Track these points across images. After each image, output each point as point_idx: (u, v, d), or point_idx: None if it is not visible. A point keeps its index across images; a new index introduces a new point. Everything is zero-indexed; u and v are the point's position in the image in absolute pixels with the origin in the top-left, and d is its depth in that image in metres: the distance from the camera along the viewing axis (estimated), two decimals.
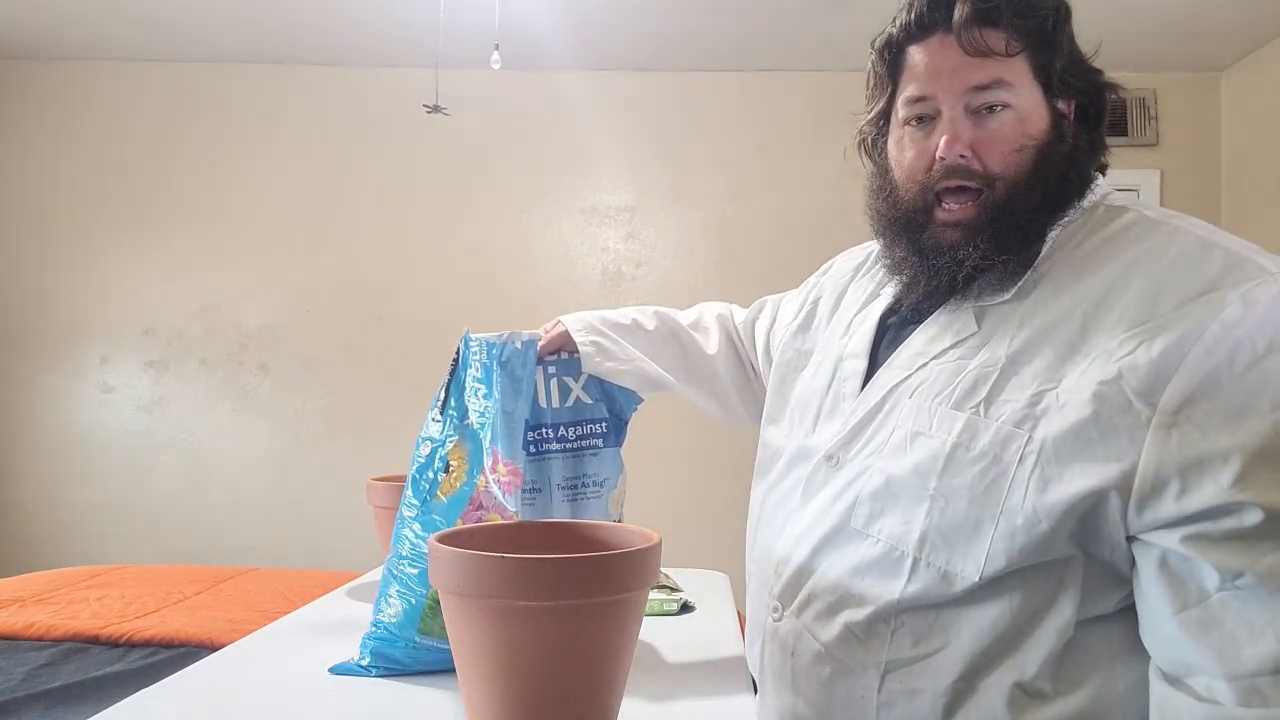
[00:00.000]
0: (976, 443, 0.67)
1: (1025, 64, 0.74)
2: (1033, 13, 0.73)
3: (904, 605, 0.68)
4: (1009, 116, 0.74)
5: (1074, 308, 0.67)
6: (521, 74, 3.38)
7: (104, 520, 3.38)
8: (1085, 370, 0.63)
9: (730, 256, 3.43)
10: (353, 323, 3.43)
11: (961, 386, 0.70)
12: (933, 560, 0.67)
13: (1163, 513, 0.59)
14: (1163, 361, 0.60)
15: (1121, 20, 2.99)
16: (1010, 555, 0.64)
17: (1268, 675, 0.54)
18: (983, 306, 0.74)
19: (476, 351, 0.96)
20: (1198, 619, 0.58)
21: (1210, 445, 0.58)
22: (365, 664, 0.92)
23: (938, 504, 0.67)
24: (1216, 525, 0.57)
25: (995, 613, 0.65)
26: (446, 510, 0.91)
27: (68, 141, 3.46)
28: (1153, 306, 0.63)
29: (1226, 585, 0.57)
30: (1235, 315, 0.59)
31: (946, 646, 0.67)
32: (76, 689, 1.33)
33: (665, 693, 0.91)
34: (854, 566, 0.72)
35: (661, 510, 2.10)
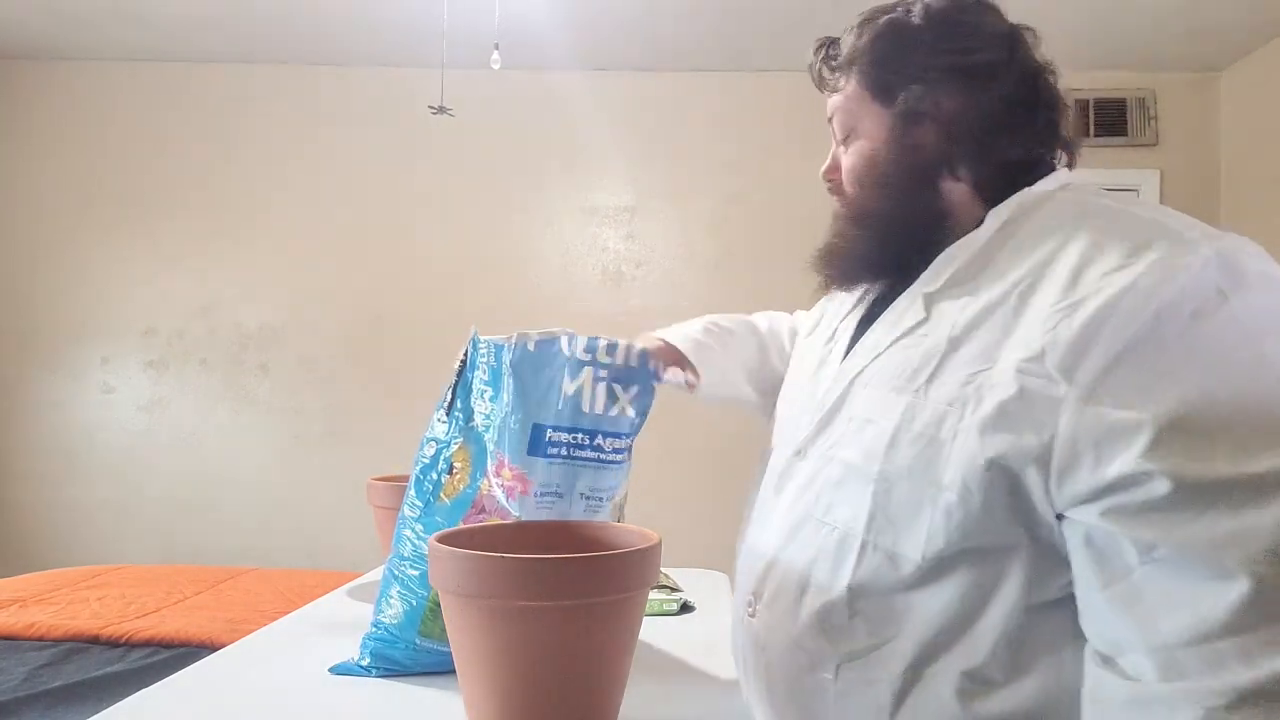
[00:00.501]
0: (915, 423, 0.68)
1: (856, 85, 0.82)
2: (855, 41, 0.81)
3: (855, 592, 0.69)
4: (854, 143, 0.83)
5: (1011, 290, 0.68)
6: (521, 74, 3.38)
7: (104, 520, 3.38)
8: (1015, 349, 0.64)
9: (730, 256, 3.43)
10: (353, 323, 3.43)
11: (906, 372, 0.71)
12: (879, 543, 0.68)
13: (1081, 486, 0.59)
14: (1082, 334, 0.60)
15: (1121, 20, 2.99)
16: (949, 533, 0.64)
17: (1183, 647, 0.54)
18: (931, 294, 0.75)
19: (484, 354, 0.95)
20: (1121, 595, 0.58)
21: (1124, 415, 0.57)
22: (365, 664, 0.92)
23: (882, 486, 0.69)
24: (1131, 497, 0.56)
25: (943, 599, 0.65)
26: (449, 512, 0.91)
27: (68, 141, 3.46)
28: (1077, 281, 0.63)
29: (1145, 559, 0.56)
30: (1153, 285, 0.59)
31: (898, 635, 0.67)
32: (76, 689, 1.33)
33: (665, 693, 0.91)
34: (813, 556, 0.74)
35: (661, 510, 2.10)
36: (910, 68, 0.78)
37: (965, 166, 0.78)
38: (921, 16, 0.79)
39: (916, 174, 0.79)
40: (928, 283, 0.76)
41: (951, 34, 0.77)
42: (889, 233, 0.80)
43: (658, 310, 3.38)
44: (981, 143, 0.77)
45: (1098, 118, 3.37)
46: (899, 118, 0.79)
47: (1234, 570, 0.53)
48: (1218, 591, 0.53)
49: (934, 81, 0.78)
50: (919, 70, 0.78)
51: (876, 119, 0.81)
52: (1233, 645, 0.52)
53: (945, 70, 0.77)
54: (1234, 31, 3.05)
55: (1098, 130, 3.36)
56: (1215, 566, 0.54)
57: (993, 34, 0.78)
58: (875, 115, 0.81)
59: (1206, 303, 0.58)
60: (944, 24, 0.78)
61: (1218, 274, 0.59)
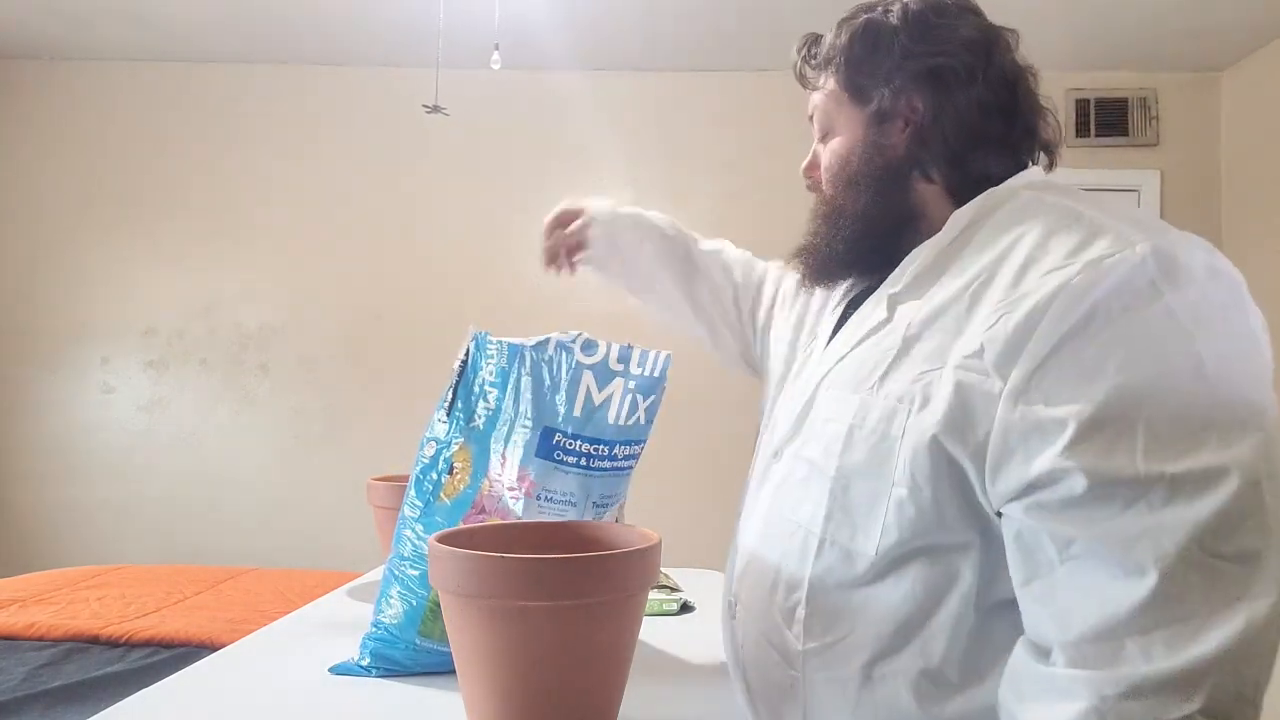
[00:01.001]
0: (868, 421, 0.69)
1: (834, 85, 0.83)
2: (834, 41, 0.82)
3: (814, 588, 0.70)
4: (831, 141, 0.85)
5: (965, 289, 0.68)
6: (521, 74, 3.38)
7: (104, 520, 3.38)
8: (960, 347, 0.65)
9: None
10: (353, 323, 3.43)
11: (862, 371, 0.73)
12: (836, 538, 0.69)
13: (1011, 482, 0.59)
14: (1017, 332, 0.60)
15: (1122, 20, 2.99)
16: (902, 528, 0.65)
17: (1093, 642, 0.55)
18: (895, 295, 0.76)
19: (493, 354, 0.95)
20: (1042, 590, 0.59)
21: (1050, 412, 0.58)
22: (365, 664, 0.92)
23: (839, 484, 0.70)
24: (1052, 493, 0.57)
25: (898, 595, 0.66)
26: (449, 512, 0.91)
27: (68, 141, 3.46)
28: (1020, 280, 0.64)
29: (1063, 555, 0.57)
30: (1086, 282, 0.59)
31: (853, 631, 0.68)
32: (76, 689, 1.33)
33: (665, 693, 0.90)
34: (781, 554, 0.75)
35: (661, 510, 2.10)
36: (884, 69, 0.79)
37: (936, 169, 0.79)
38: (899, 17, 0.79)
39: (887, 174, 0.80)
40: (893, 284, 0.77)
41: (926, 36, 0.78)
42: (859, 231, 0.81)
43: None
44: (952, 146, 0.77)
45: (1098, 117, 3.36)
46: (872, 118, 0.80)
47: (1143, 568, 0.54)
48: (1126, 588, 0.54)
49: (907, 83, 0.78)
50: (892, 71, 0.78)
51: (851, 118, 0.82)
52: (1136, 641, 0.54)
53: (918, 73, 0.78)
54: (1235, 31, 3.05)
55: (1098, 130, 3.36)
56: (1126, 563, 0.55)
57: (969, 38, 0.78)
58: (850, 115, 0.82)
59: (1138, 297, 0.58)
60: (920, 26, 0.78)
61: (1154, 269, 0.59)
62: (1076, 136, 3.36)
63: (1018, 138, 0.79)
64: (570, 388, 0.92)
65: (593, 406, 0.93)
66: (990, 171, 0.77)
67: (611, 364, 0.94)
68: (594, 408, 0.93)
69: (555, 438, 0.91)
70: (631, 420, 0.94)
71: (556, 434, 0.92)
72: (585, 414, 0.92)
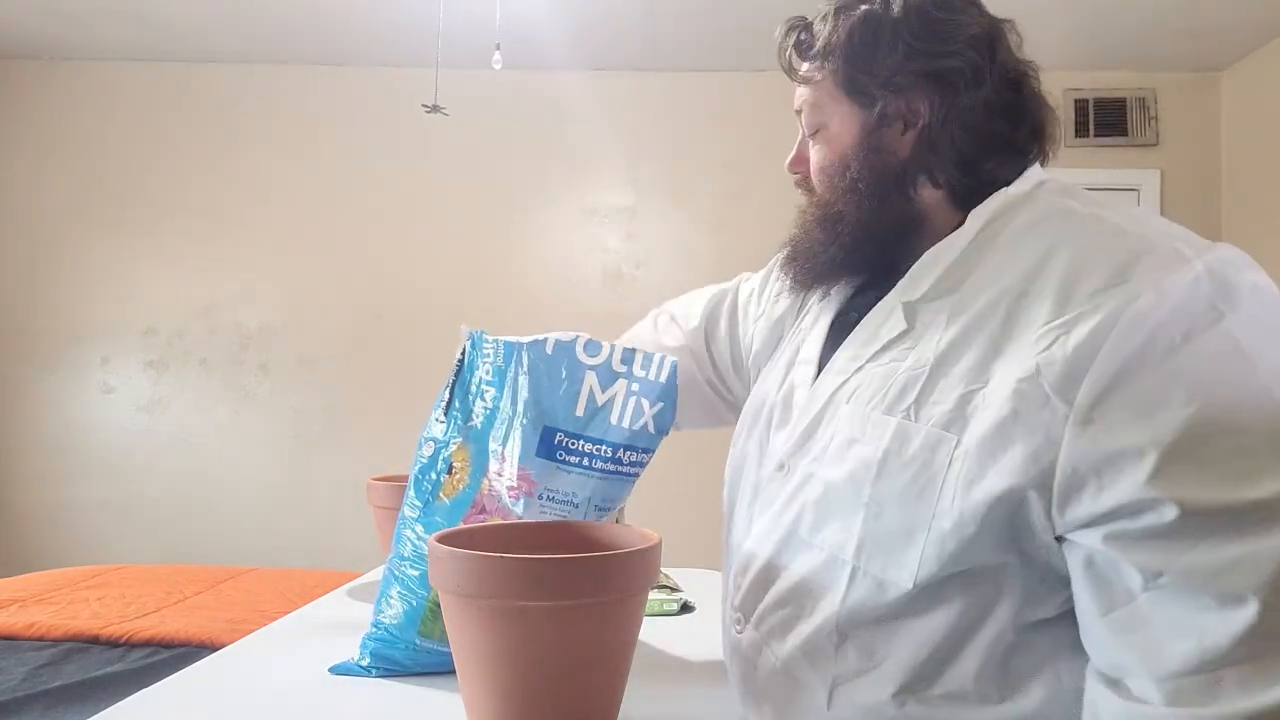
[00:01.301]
0: (907, 448, 0.66)
1: (830, 81, 0.78)
2: (830, 33, 0.77)
3: (845, 617, 0.68)
4: (822, 138, 0.80)
5: (998, 301, 0.66)
6: (521, 74, 3.38)
7: (104, 520, 3.38)
8: (1009, 368, 0.62)
9: (730, 256, 3.42)
10: (353, 323, 3.43)
11: (893, 390, 0.69)
12: (869, 569, 0.66)
13: (1083, 511, 0.58)
14: (1077, 356, 0.58)
15: (1121, 20, 2.99)
16: (942, 560, 0.63)
17: (1190, 675, 0.53)
18: (912, 304, 0.72)
19: (489, 353, 0.95)
20: (1124, 620, 0.57)
21: (1125, 440, 0.56)
22: (365, 664, 0.92)
23: (872, 511, 0.67)
24: (1134, 523, 0.56)
25: (934, 622, 0.64)
26: (449, 512, 0.91)
27: (68, 141, 3.46)
28: (1067, 298, 0.61)
29: (1149, 585, 0.55)
30: (1147, 305, 0.57)
31: (889, 658, 0.66)
32: (76, 689, 1.33)
33: (665, 693, 0.90)
34: (802, 578, 0.72)
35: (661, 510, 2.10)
36: (886, 68, 0.74)
37: (944, 174, 0.75)
38: (900, 10, 0.74)
39: (889, 179, 0.76)
40: (907, 291, 0.73)
41: (930, 33, 0.73)
42: (859, 238, 0.78)
43: None
44: (962, 151, 0.74)
45: (1098, 117, 3.36)
46: (872, 120, 0.76)
47: (1239, 598, 0.52)
48: (1221, 619, 0.53)
49: (910, 85, 0.74)
50: (894, 72, 0.74)
51: (849, 118, 0.78)
52: (1234, 673, 0.52)
53: (923, 74, 0.73)
54: (1234, 31, 3.05)
55: (1098, 130, 3.36)
56: (1220, 594, 0.53)
57: (974, 34, 0.73)
58: (846, 114, 0.78)
59: (1199, 321, 0.57)
60: (922, 21, 0.73)
61: (1210, 290, 0.58)
62: (1076, 136, 3.36)
63: (1025, 138, 0.76)
64: (571, 388, 0.92)
65: (595, 407, 0.92)
66: (998, 175, 0.74)
67: (615, 366, 0.93)
68: (596, 408, 0.92)
69: (557, 437, 0.91)
70: (638, 425, 0.93)
71: (558, 433, 0.91)
72: (588, 414, 0.92)
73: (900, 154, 0.76)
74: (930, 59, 0.73)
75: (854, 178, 0.77)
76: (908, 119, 0.75)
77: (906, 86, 0.74)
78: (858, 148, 0.77)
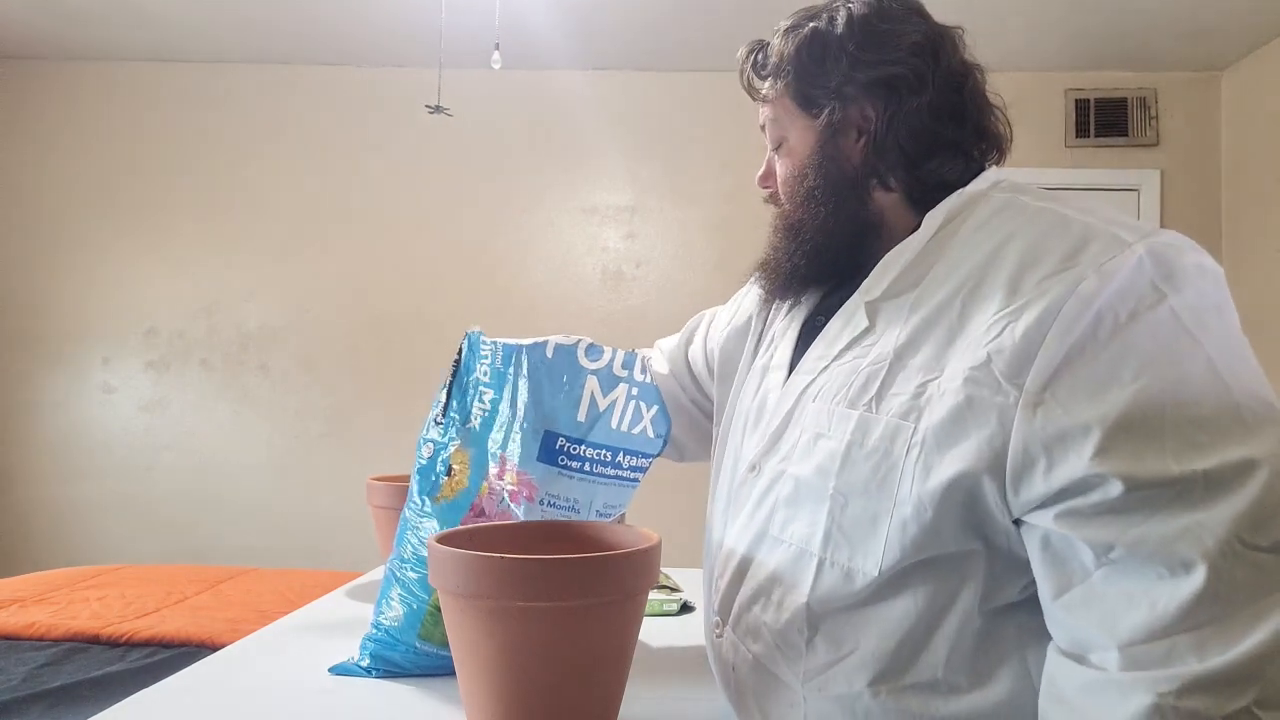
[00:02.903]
0: (869, 439, 0.68)
1: (785, 96, 0.82)
2: (781, 50, 0.81)
3: (814, 609, 0.69)
4: (784, 151, 0.85)
5: (955, 295, 0.68)
6: (521, 74, 3.38)
7: (104, 520, 3.38)
8: (962, 357, 0.64)
9: (730, 256, 3.43)
10: (353, 323, 3.43)
11: (855, 385, 0.71)
12: (836, 559, 0.68)
13: (1035, 492, 0.59)
14: (1025, 341, 0.60)
15: (1121, 20, 2.99)
16: (904, 547, 0.64)
17: (1145, 643, 0.55)
18: (874, 302, 0.75)
19: (488, 354, 0.94)
20: (1080, 597, 0.58)
21: (1072, 419, 0.58)
22: (365, 665, 0.92)
23: (838, 503, 0.68)
24: (1084, 500, 0.57)
25: (900, 610, 0.65)
26: (448, 513, 0.91)
27: (69, 141, 3.46)
28: (1016, 288, 0.63)
29: (1101, 561, 0.57)
30: (1091, 288, 0.59)
31: (857, 649, 0.67)
32: (76, 689, 1.33)
33: (665, 693, 0.90)
34: (771, 574, 0.73)
35: (661, 510, 2.10)
36: (833, 79, 0.78)
37: (894, 176, 0.78)
38: (844, 25, 0.78)
39: (844, 186, 0.79)
40: (869, 291, 0.76)
41: (874, 44, 0.77)
42: (820, 244, 0.81)
43: (658, 310, 3.38)
44: (908, 153, 0.77)
45: (1098, 117, 3.36)
46: (824, 130, 0.80)
47: (1187, 565, 0.54)
48: (1172, 587, 0.54)
49: (857, 93, 0.78)
50: (842, 82, 0.78)
51: (803, 130, 0.82)
52: (1187, 639, 0.54)
53: (868, 82, 0.77)
54: (1235, 31, 3.05)
55: (1098, 130, 3.36)
56: (1169, 563, 0.55)
57: (916, 42, 0.77)
58: (802, 126, 0.82)
59: (1143, 301, 0.59)
60: (866, 33, 0.77)
61: (1152, 271, 0.60)
62: (1076, 136, 3.36)
63: (969, 139, 0.79)
64: (573, 393, 0.92)
65: (597, 412, 0.92)
66: (946, 175, 0.77)
67: (616, 369, 0.93)
68: (598, 414, 0.92)
69: (558, 442, 0.91)
70: (637, 429, 0.93)
71: (560, 439, 0.91)
72: (590, 420, 0.92)
73: (853, 160, 0.79)
74: (874, 67, 0.77)
75: (811, 186, 0.81)
76: (860, 126, 0.79)
77: (854, 95, 0.78)
78: (813, 157, 0.81)
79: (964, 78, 0.79)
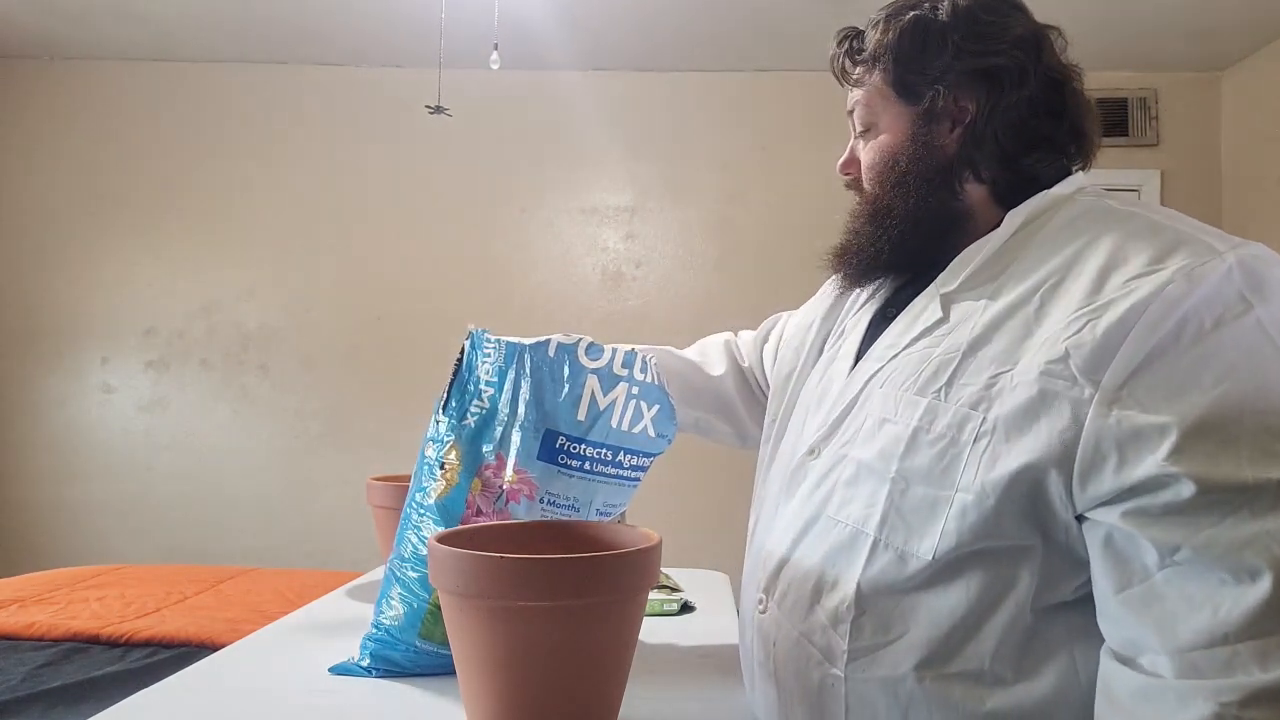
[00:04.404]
0: (936, 425, 0.68)
1: (880, 81, 0.82)
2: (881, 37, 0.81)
3: (864, 590, 0.69)
4: (872, 137, 0.84)
5: (1033, 292, 0.68)
6: (521, 74, 3.38)
7: (104, 520, 3.38)
8: (1038, 351, 0.64)
9: (730, 256, 3.43)
10: (353, 323, 3.43)
11: (926, 373, 0.71)
12: (891, 541, 0.68)
13: (1103, 487, 0.59)
14: (1106, 339, 0.60)
15: (1121, 20, 2.99)
16: (961, 533, 0.64)
17: (1204, 649, 0.54)
18: (949, 294, 0.75)
19: (491, 352, 0.94)
20: (1140, 596, 0.58)
21: (1149, 418, 0.58)
22: (365, 665, 0.92)
23: (898, 486, 0.69)
24: (1154, 499, 0.57)
25: (953, 599, 0.66)
26: (443, 512, 0.91)
27: (68, 141, 3.46)
28: (1100, 286, 0.64)
29: (1166, 561, 0.57)
30: (1178, 292, 0.59)
31: (905, 634, 0.67)
32: (76, 689, 1.33)
33: (665, 693, 0.90)
34: (825, 553, 0.74)
35: (661, 510, 2.10)
36: (934, 68, 0.78)
37: (986, 169, 0.79)
38: (948, 14, 0.78)
39: (936, 174, 0.79)
40: (945, 283, 0.76)
41: (977, 34, 0.78)
42: (905, 231, 0.80)
43: (658, 310, 3.38)
44: (1003, 146, 0.78)
45: (1099, 117, 3.36)
46: (921, 117, 0.80)
47: (1254, 573, 0.53)
48: (1237, 594, 0.54)
49: (957, 82, 0.78)
50: (943, 70, 0.78)
51: (898, 116, 0.81)
52: (1250, 647, 0.53)
53: (969, 72, 0.77)
54: (1236, 31, 3.05)
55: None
56: (1235, 570, 0.54)
57: (1019, 35, 0.78)
58: (897, 113, 0.81)
59: (1229, 310, 0.59)
60: (970, 24, 0.78)
61: (1240, 282, 0.60)
62: None
63: (1065, 138, 0.79)
64: (574, 391, 0.92)
65: (597, 411, 0.92)
66: (1038, 173, 0.78)
67: (616, 369, 0.93)
68: (599, 412, 0.92)
69: (559, 441, 0.91)
70: (638, 429, 0.93)
71: (560, 437, 0.91)
72: (590, 419, 0.92)
73: (948, 150, 0.79)
74: (978, 58, 0.77)
75: (903, 172, 0.80)
76: (955, 116, 0.79)
77: (955, 85, 0.78)
78: (908, 143, 0.81)
79: (1065, 76, 0.79)
